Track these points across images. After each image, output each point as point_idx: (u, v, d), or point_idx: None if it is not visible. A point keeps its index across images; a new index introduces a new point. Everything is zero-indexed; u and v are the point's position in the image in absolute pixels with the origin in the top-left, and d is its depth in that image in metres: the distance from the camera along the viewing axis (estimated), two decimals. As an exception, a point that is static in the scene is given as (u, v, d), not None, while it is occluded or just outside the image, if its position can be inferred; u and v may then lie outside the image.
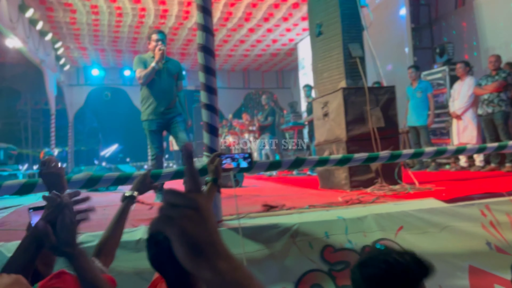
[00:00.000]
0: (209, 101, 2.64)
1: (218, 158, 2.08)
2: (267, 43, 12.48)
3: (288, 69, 16.00)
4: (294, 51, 13.28)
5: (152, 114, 4.52)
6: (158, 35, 4.55)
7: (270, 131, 8.43)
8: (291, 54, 13.71)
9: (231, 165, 2.13)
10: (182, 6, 9.27)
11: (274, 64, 15.26)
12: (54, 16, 9.50)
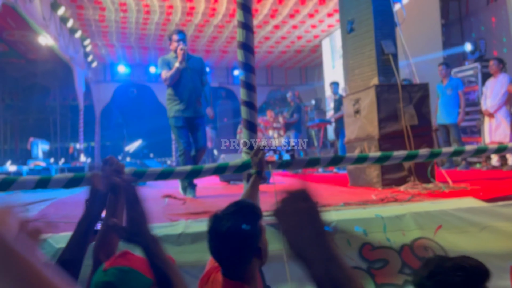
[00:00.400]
0: (249, 98, 2.67)
1: (261, 151, 2.10)
2: (292, 40, 12.45)
3: (312, 66, 15.91)
4: (318, 48, 13.21)
5: (178, 111, 4.62)
6: (178, 35, 4.68)
7: (296, 128, 8.43)
8: (316, 51, 13.64)
9: (273, 158, 2.16)
10: (208, 4, 9.34)
11: (298, 61, 15.21)
12: (84, 13, 9.70)
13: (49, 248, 2.35)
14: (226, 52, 13.58)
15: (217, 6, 9.53)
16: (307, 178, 6.80)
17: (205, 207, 3.61)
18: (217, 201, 4.14)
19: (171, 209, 3.72)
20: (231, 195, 4.77)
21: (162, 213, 3.49)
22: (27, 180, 2.25)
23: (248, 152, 2.67)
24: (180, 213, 3.27)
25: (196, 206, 3.85)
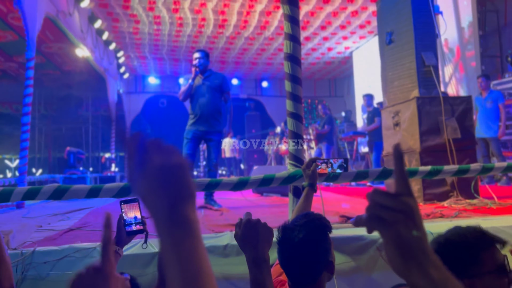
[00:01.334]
0: (295, 110, 2.64)
1: (314, 163, 2.07)
2: (322, 51, 12.42)
3: (342, 77, 15.82)
4: (349, 59, 13.13)
5: (190, 125, 4.83)
6: (196, 53, 4.95)
7: (327, 140, 8.34)
8: (346, 62, 13.56)
9: (326, 170, 2.12)
10: (241, 16, 9.42)
11: (327, 72, 15.15)
12: (119, 26, 9.95)
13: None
14: (255, 64, 13.65)
15: (249, 19, 9.60)
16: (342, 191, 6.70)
17: (244, 219, 3.59)
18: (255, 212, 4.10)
19: (210, 220, 3.71)
20: (266, 206, 4.74)
21: (203, 223, 3.49)
22: (79, 189, 2.28)
23: (295, 164, 2.64)
24: (221, 224, 3.26)
25: (234, 217, 3.82)
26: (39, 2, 5.95)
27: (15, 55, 11.23)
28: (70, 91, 14.34)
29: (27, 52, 5.51)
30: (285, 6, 2.67)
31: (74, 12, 7.77)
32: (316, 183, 2.06)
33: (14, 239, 2.86)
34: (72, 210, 4.88)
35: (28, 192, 2.25)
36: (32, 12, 5.62)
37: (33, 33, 5.62)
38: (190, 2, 8.53)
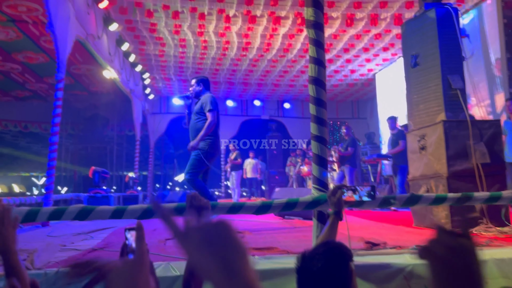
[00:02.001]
0: (320, 133, 2.62)
1: (340, 190, 2.03)
2: (345, 74, 12.41)
3: (364, 99, 15.74)
4: (372, 81, 13.07)
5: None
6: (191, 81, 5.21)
7: (350, 163, 8.24)
8: (369, 84, 13.51)
9: (352, 198, 2.07)
10: (264, 39, 9.54)
11: (350, 94, 15.10)
12: (146, 49, 10.21)
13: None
14: (277, 85, 13.74)
15: (272, 42, 9.72)
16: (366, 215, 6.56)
17: (266, 242, 3.54)
18: (277, 236, 4.05)
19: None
20: (288, 229, 4.67)
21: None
22: (103, 210, 2.30)
23: (319, 188, 2.60)
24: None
25: (256, 240, 3.77)
26: (70, 25, 6.17)
27: (46, 77, 11.64)
28: (97, 111, 14.70)
29: (57, 73, 5.70)
30: (310, 30, 2.68)
31: (103, 35, 8.02)
32: (342, 211, 2.02)
33: (39, 258, 2.89)
34: (96, 229, 4.92)
35: (54, 212, 2.28)
36: (63, 36, 5.83)
37: (64, 55, 5.81)
38: (214, 25, 8.70)
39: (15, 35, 8.91)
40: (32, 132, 15.23)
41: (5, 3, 7.50)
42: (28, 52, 9.96)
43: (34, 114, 14.28)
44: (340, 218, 1.99)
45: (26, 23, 8.39)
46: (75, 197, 8.60)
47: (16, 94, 13.58)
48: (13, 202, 5.13)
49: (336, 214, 1.99)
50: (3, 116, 14.47)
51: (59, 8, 5.67)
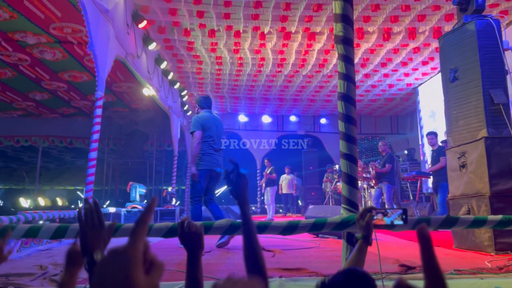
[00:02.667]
0: (349, 151, 2.54)
1: (369, 213, 1.93)
2: (383, 88, 12.17)
3: (404, 114, 15.35)
4: (411, 96, 12.73)
5: None
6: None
7: (388, 180, 7.98)
8: (408, 99, 13.17)
9: (383, 221, 1.96)
10: (299, 55, 9.53)
11: (388, 109, 14.77)
12: (183, 67, 10.46)
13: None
14: (313, 101, 13.65)
15: (307, 57, 9.69)
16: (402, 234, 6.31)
17: (297, 262, 3.46)
18: (308, 256, 3.95)
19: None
20: (321, 249, 4.55)
21: (253, 266, 3.40)
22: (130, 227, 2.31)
23: (349, 208, 2.51)
24: (272, 268, 3.15)
25: (286, 260, 3.70)
26: (110, 45, 6.41)
27: (89, 94, 12.11)
28: (137, 127, 15.13)
29: (96, 92, 5.90)
30: (340, 46, 2.63)
31: (142, 54, 8.28)
32: (371, 235, 1.91)
33: (71, 273, 2.95)
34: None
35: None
36: (103, 55, 6.05)
37: (103, 74, 6.02)
38: (249, 42, 8.79)
39: (61, 55, 9.36)
40: (77, 147, 15.87)
41: (52, 26, 7.91)
42: (73, 71, 10.42)
43: (78, 130, 14.89)
44: (369, 243, 1.88)
45: (71, 43, 8.80)
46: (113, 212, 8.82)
47: (62, 111, 14.22)
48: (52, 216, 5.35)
49: (364, 239, 1.88)
50: (50, 132, 15.19)
51: (99, 28, 5.91)
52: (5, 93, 11.90)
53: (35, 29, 8.03)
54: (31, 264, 3.54)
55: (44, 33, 8.20)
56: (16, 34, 8.22)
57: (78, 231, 1.39)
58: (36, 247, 4.78)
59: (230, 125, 15.69)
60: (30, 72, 10.27)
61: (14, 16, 7.49)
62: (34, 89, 11.69)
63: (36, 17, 7.58)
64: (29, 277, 2.89)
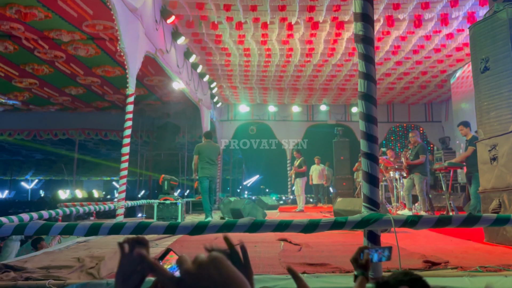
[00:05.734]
0: (370, 150, 2.55)
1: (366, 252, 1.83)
2: (416, 76, 11.87)
3: (439, 102, 14.94)
4: (446, 83, 12.37)
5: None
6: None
7: (420, 170, 7.83)
8: (442, 86, 12.80)
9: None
10: (328, 44, 9.44)
11: (422, 97, 14.41)
12: (212, 60, 10.56)
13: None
14: (343, 89, 13.49)
15: (336, 46, 9.58)
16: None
17: (322, 257, 3.50)
18: (335, 251, 3.98)
19: (286, 256, 3.68)
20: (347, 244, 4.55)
21: (278, 260, 3.47)
22: (158, 226, 2.43)
23: (369, 207, 2.53)
24: (296, 262, 3.21)
25: (312, 254, 3.75)
26: (140, 42, 6.57)
27: (122, 88, 12.44)
28: (169, 120, 15.45)
29: (128, 88, 6.08)
30: (359, 45, 2.62)
31: (171, 49, 8.43)
32: (367, 271, 1.84)
33: (105, 267, 3.11)
34: (163, 236, 5.16)
35: (113, 227, 2.45)
36: (133, 53, 6.22)
37: (134, 71, 6.19)
38: (277, 33, 8.77)
39: (94, 52, 9.65)
40: (111, 139, 16.39)
41: (85, 23, 8.16)
42: (106, 67, 10.73)
43: (112, 123, 15.35)
44: (368, 278, 1.84)
45: (103, 40, 9.05)
46: (147, 204, 9.10)
47: (96, 105, 14.69)
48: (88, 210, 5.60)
49: (364, 275, 1.83)
50: (85, 125, 15.75)
51: (129, 27, 6.06)
52: (43, 89, 12.40)
53: (69, 27, 8.30)
54: (69, 256, 3.74)
55: (77, 30, 8.48)
56: (51, 33, 8.53)
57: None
58: (75, 239, 5.04)
59: (259, 116, 15.76)
60: (65, 68, 10.65)
61: (49, 15, 7.77)
62: (69, 84, 12.12)
63: (70, 16, 7.84)
64: (67, 270, 3.07)
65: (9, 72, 10.75)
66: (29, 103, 14.06)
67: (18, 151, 21.09)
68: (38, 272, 2.98)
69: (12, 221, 4.25)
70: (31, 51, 9.43)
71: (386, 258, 1.85)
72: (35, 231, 2.68)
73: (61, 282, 2.66)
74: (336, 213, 5.95)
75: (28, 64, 10.28)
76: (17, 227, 2.73)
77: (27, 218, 4.60)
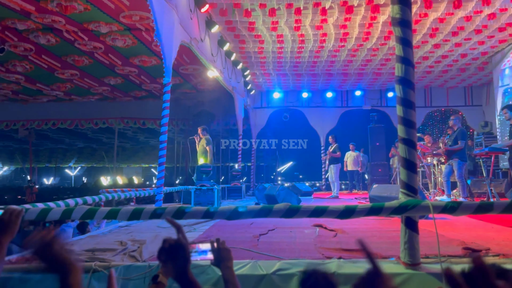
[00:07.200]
0: (408, 136, 2.52)
1: None
2: (455, 58, 11.45)
3: (479, 85, 14.37)
4: (487, 65, 11.87)
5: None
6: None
7: (460, 156, 7.63)
8: (483, 69, 12.30)
9: None
10: (363, 28, 9.25)
11: (462, 80, 13.90)
12: (245, 47, 10.58)
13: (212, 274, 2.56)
14: (379, 74, 13.20)
15: (371, 30, 9.37)
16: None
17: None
18: (371, 237, 3.98)
19: (322, 241, 3.71)
20: (385, 230, 4.53)
21: (314, 245, 3.51)
22: (197, 211, 2.52)
23: (407, 193, 2.51)
24: (332, 248, 3.24)
25: (347, 240, 3.76)
26: (175, 32, 6.67)
27: (158, 77, 12.70)
28: (204, 108, 15.66)
29: (164, 78, 6.22)
30: (396, 28, 2.58)
31: (205, 38, 8.51)
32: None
33: (147, 250, 3.26)
34: (199, 221, 5.30)
35: (154, 211, 2.56)
36: (169, 43, 6.33)
37: (170, 61, 6.31)
38: (310, 19, 8.68)
39: (131, 42, 9.88)
40: (149, 128, 16.80)
41: (122, 14, 8.35)
42: (143, 56, 10.96)
43: (150, 111, 15.72)
44: None
45: (139, 30, 9.24)
46: (184, 190, 9.33)
47: (134, 94, 15.07)
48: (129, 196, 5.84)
49: None
50: (124, 114, 16.21)
51: (164, 16, 6.16)
52: (84, 80, 12.83)
53: (107, 18, 8.53)
54: (112, 240, 3.93)
55: (115, 22, 8.70)
56: (90, 24, 8.79)
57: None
58: (117, 224, 5.26)
59: (292, 102, 15.70)
60: (104, 58, 10.97)
61: (88, 8, 8.01)
62: (108, 75, 12.48)
63: (107, 8, 8.05)
64: (111, 253, 3.23)
65: (52, 64, 11.19)
66: (71, 94, 14.61)
67: (61, 139, 22.01)
68: (85, 254, 3.16)
69: (59, 206, 4.48)
70: (72, 43, 9.77)
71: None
72: (81, 215, 2.83)
73: (106, 264, 2.81)
74: (372, 199, 5.91)
75: (69, 56, 10.66)
76: (65, 211, 2.89)
77: (72, 203, 4.84)
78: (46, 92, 14.25)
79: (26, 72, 11.73)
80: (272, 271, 2.56)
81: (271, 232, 4.37)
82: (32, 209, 2.93)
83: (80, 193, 18.19)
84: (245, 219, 2.63)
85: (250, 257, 2.85)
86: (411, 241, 2.48)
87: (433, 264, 2.50)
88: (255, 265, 2.62)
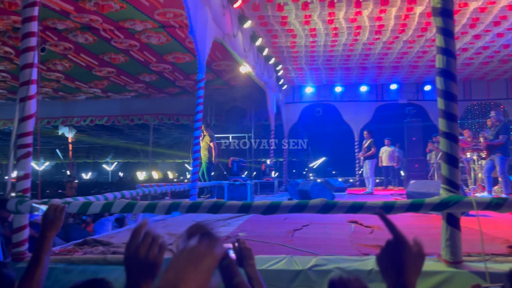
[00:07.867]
0: (450, 130, 2.43)
1: None
2: (496, 49, 10.99)
3: (522, 77, 13.75)
4: (531, 56, 11.34)
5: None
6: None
7: (502, 151, 7.33)
8: (528, 60, 11.75)
9: None
10: (398, 20, 9.01)
11: (503, 72, 13.32)
12: (278, 42, 10.53)
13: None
14: (416, 67, 12.85)
15: (407, 22, 9.11)
16: None
17: (395, 240, 3.42)
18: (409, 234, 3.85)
19: (358, 238, 3.65)
20: (424, 227, 4.40)
21: (350, 242, 3.46)
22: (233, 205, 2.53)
23: (449, 188, 2.43)
24: (369, 245, 3.18)
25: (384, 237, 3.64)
26: (208, 28, 6.72)
27: (192, 74, 12.85)
28: (236, 104, 15.74)
29: (198, 74, 6.28)
30: (437, 18, 2.49)
31: (238, 33, 8.53)
32: None
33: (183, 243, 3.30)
34: (235, 215, 5.32)
35: (191, 205, 2.59)
36: (202, 38, 6.38)
37: (203, 57, 6.37)
38: (344, 12, 8.53)
39: (165, 39, 10.04)
40: (183, 124, 17.06)
41: (156, 12, 8.49)
42: (177, 53, 11.12)
43: (183, 107, 15.95)
44: None
45: (173, 27, 9.37)
46: (217, 184, 9.42)
47: (168, 91, 15.33)
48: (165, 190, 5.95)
49: None
50: (159, 110, 16.54)
51: (198, 13, 6.22)
52: (120, 77, 13.15)
53: (142, 16, 8.69)
54: (149, 233, 4.00)
55: (149, 19, 8.85)
56: (126, 23, 8.98)
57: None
58: (153, 218, 5.37)
59: (325, 97, 15.51)
60: (139, 56, 11.20)
61: (124, 6, 8.19)
62: (143, 72, 12.74)
63: (142, 6, 8.19)
64: (149, 245, 3.29)
65: (90, 62, 11.53)
66: (108, 91, 15.02)
67: (99, 135, 22.69)
68: (123, 246, 3.24)
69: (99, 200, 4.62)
70: (108, 41, 10.03)
71: None
72: (120, 209, 2.90)
73: (144, 257, 2.87)
74: (409, 195, 5.77)
75: (106, 54, 10.95)
76: (105, 205, 2.97)
77: (111, 197, 4.97)
78: (84, 90, 14.71)
79: (66, 70, 12.14)
80: (308, 267, 2.54)
81: (305, 228, 4.35)
82: (74, 203, 3.03)
83: (117, 187, 18.72)
84: (279, 214, 2.63)
85: (285, 252, 2.84)
86: (453, 238, 2.40)
87: (476, 263, 2.41)
88: (291, 260, 2.61)
